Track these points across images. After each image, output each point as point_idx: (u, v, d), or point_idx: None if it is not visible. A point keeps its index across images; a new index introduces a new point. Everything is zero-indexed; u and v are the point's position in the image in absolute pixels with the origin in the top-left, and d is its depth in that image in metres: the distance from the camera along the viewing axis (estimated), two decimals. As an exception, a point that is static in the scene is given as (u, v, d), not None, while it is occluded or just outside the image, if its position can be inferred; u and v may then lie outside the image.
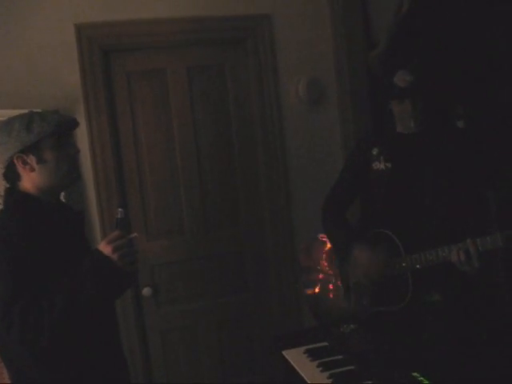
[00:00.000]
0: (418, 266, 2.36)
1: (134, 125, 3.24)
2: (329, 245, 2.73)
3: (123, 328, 3.14)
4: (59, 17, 2.99)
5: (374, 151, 2.56)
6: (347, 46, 3.37)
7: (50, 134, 1.92)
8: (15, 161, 1.92)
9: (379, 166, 2.55)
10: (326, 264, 2.73)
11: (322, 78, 3.40)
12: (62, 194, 2.86)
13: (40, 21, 2.96)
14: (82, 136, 3.04)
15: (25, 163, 1.93)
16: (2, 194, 2.07)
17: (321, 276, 2.74)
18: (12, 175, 1.97)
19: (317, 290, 2.75)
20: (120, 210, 1.93)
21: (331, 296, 2.69)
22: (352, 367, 1.98)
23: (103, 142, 3.09)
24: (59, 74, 3.00)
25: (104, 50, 3.09)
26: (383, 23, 3.50)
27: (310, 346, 2.21)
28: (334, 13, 3.39)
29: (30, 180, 1.95)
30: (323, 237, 2.77)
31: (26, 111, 2.05)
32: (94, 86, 3.06)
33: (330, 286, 2.70)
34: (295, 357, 2.15)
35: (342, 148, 3.43)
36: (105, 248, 1.86)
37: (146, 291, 3.26)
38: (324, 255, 2.75)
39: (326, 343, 2.23)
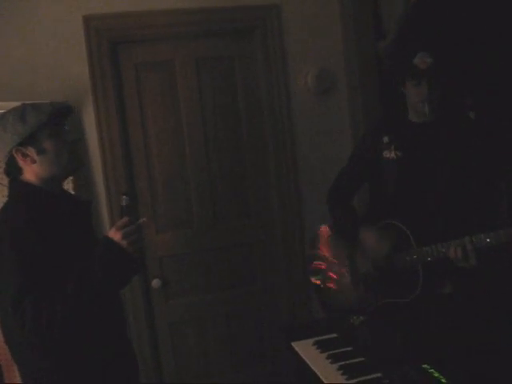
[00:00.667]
0: (429, 259, 2.34)
1: (143, 117, 3.23)
2: (336, 235, 2.72)
3: (132, 320, 3.17)
4: (67, 8, 2.99)
5: (385, 139, 2.54)
6: (357, 36, 3.34)
7: (46, 123, 1.91)
8: (15, 154, 1.92)
9: (390, 154, 2.53)
10: (333, 254, 2.72)
11: (331, 68, 3.37)
12: (71, 184, 2.89)
13: (48, 13, 2.96)
14: (90, 128, 3.05)
15: (25, 156, 1.92)
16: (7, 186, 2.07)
17: (329, 266, 2.73)
18: (13, 169, 1.97)
19: (325, 281, 2.73)
20: (124, 197, 1.94)
21: (339, 286, 2.67)
22: (362, 359, 1.97)
23: (112, 134, 3.09)
24: (67, 66, 3.00)
25: (112, 42, 3.09)
26: (393, 13, 3.47)
27: (320, 338, 2.20)
28: (344, 3, 3.37)
29: (32, 172, 1.95)
30: (330, 227, 2.76)
31: (35, 102, 2.05)
32: (103, 78, 3.05)
33: (338, 277, 2.69)
34: (304, 348, 2.14)
35: (351, 139, 3.41)
36: (115, 235, 1.87)
37: (155, 283, 3.27)
38: (332, 245, 2.74)
39: (335, 335, 2.22)
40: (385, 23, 3.45)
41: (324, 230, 2.78)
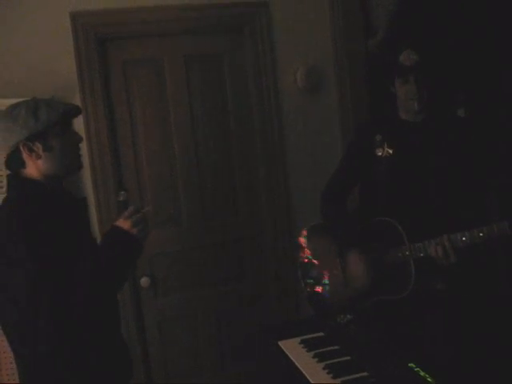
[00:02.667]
0: (421, 255, 2.35)
1: (131, 114, 3.21)
2: (325, 234, 2.71)
3: (121, 318, 3.14)
4: (54, 5, 2.95)
5: (378, 138, 2.54)
6: (346, 33, 3.35)
7: (57, 122, 1.94)
8: (21, 148, 1.92)
9: (382, 152, 2.53)
10: (324, 252, 2.72)
11: (320, 66, 3.37)
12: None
13: (35, 9, 2.93)
14: (78, 125, 3.00)
15: (31, 150, 1.92)
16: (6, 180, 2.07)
17: (319, 263, 2.72)
18: (16, 162, 1.96)
19: (315, 278, 2.73)
20: (123, 192, 2.06)
21: (330, 284, 2.67)
22: (348, 358, 1.97)
23: (99, 132, 3.07)
24: (55, 63, 2.97)
25: (100, 39, 3.06)
26: (382, 11, 3.47)
27: (306, 337, 2.19)
28: (333, 0, 3.36)
29: (36, 167, 1.95)
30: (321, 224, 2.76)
31: (20, 100, 2.03)
32: (90, 75, 3.03)
33: (329, 275, 2.69)
34: (291, 347, 2.13)
35: (340, 136, 3.41)
36: (124, 224, 1.94)
37: (144, 281, 3.25)
38: (322, 243, 2.73)
39: (322, 334, 2.22)
40: (374, 21, 3.45)
41: (314, 227, 2.76)
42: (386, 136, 2.54)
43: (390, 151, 2.52)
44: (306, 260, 2.77)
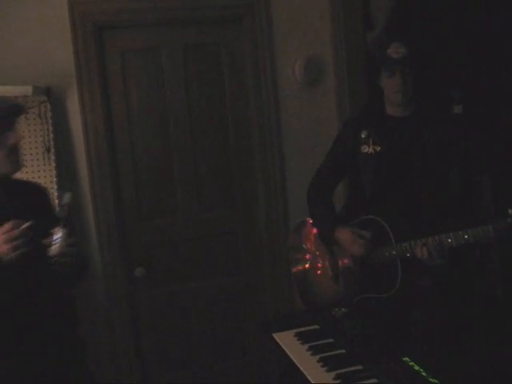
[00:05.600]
0: (407, 255, 2.34)
1: (128, 103, 3.19)
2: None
3: (115, 308, 3.15)
4: (52, -8, 2.93)
5: (363, 134, 2.53)
6: (345, 26, 3.33)
7: None
8: None
9: (368, 149, 2.52)
10: (314, 247, 2.72)
11: (319, 58, 3.35)
12: (54, 171, 2.86)
13: (33, -3, 2.91)
14: (74, 114, 3.01)
15: None
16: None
17: (308, 257, 2.73)
18: None
19: (304, 272, 2.73)
20: (68, 195, 1.91)
21: (320, 280, 2.67)
22: (342, 351, 1.97)
23: (96, 121, 3.05)
24: (52, 51, 2.95)
25: (98, 27, 3.04)
26: (382, 5, 3.46)
27: (301, 329, 2.19)
28: (333, -8, 3.34)
29: None
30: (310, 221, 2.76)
31: (18, 88, 2.00)
32: (88, 64, 3.01)
33: (319, 270, 2.69)
34: (286, 340, 2.13)
35: (338, 129, 3.38)
36: None
37: (139, 271, 3.25)
38: (313, 238, 2.74)
39: (316, 327, 2.21)
40: (374, 14, 3.43)
41: (304, 222, 2.77)
42: (371, 133, 2.52)
43: (376, 148, 2.50)
44: (297, 256, 2.78)
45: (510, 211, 2.07)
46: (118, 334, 3.19)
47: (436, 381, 1.63)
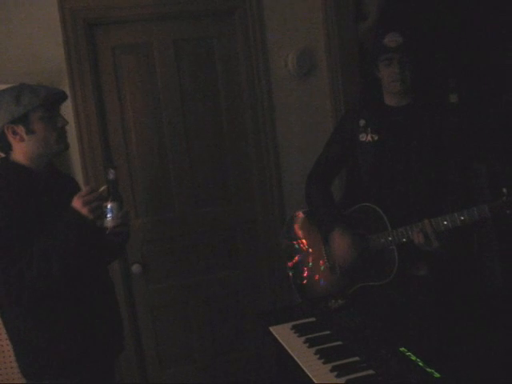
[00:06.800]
0: (404, 240, 2.36)
1: (120, 100, 3.18)
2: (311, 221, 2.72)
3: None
4: (41, -11, 2.91)
5: (361, 123, 2.55)
6: (337, 17, 3.31)
7: (39, 106, 2.03)
8: (6, 131, 2.04)
9: (366, 137, 2.54)
10: (309, 239, 2.72)
11: (311, 50, 3.34)
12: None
13: (22, -7, 2.89)
14: (66, 112, 2.97)
15: (15, 133, 2.05)
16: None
17: (304, 249, 2.73)
18: (4, 145, 2.09)
19: (301, 266, 2.73)
20: (112, 171, 2.06)
21: (316, 271, 2.68)
22: (339, 343, 1.97)
23: (89, 118, 3.04)
24: (42, 48, 2.94)
25: (88, 23, 3.02)
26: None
27: (297, 322, 2.19)
28: (324, -17, 3.33)
29: (20, 149, 2.08)
30: (305, 212, 2.77)
31: (8, 86, 2.11)
32: (79, 60, 3.00)
33: (315, 261, 2.69)
34: (282, 332, 2.13)
35: (332, 121, 3.39)
36: (76, 203, 1.98)
37: (136, 268, 3.24)
38: (308, 230, 2.74)
39: (313, 319, 2.21)
40: (366, 5, 3.42)
41: (299, 215, 2.78)
42: (369, 121, 2.55)
43: (374, 137, 2.52)
44: (292, 247, 2.78)
45: (504, 190, 2.09)
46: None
47: (433, 371, 1.63)
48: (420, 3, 3.48)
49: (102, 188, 2.04)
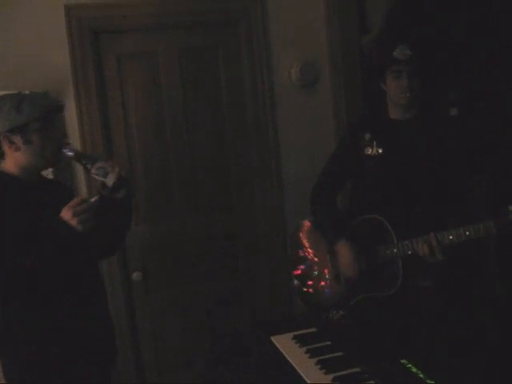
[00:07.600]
0: (409, 253, 2.36)
1: (125, 107, 3.20)
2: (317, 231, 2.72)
3: (113, 313, 3.13)
4: (48, -3, 2.93)
5: (366, 136, 2.56)
6: (341, 29, 3.33)
7: (38, 117, 1.98)
8: (1, 139, 1.99)
9: (371, 151, 2.54)
10: (315, 249, 2.73)
11: (315, 61, 3.35)
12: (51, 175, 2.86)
13: (29, 1, 2.91)
14: (71, 119, 3.01)
15: (11, 142, 1.98)
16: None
17: (310, 258, 2.73)
18: None
19: (307, 275, 2.73)
20: (67, 148, 2.08)
21: (321, 281, 2.68)
22: (340, 353, 1.97)
23: (93, 125, 3.05)
24: (48, 56, 2.95)
25: (94, 32, 3.04)
26: (378, 8, 3.47)
27: (299, 332, 2.19)
28: (329, -5, 3.35)
29: (14, 159, 2.02)
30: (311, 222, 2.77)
31: (11, 92, 2.07)
32: (84, 68, 3.01)
33: (320, 271, 2.69)
34: (283, 343, 2.14)
35: (335, 132, 3.40)
36: (66, 213, 1.91)
37: (136, 276, 3.24)
38: (313, 240, 2.74)
39: (314, 329, 2.22)
40: (369, 17, 3.44)
41: (305, 223, 2.78)
42: (374, 135, 2.55)
43: (379, 150, 2.53)
44: (297, 256, 2.78)
45: (510, 207, 2.10)
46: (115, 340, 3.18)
47: (433, 383, 1.63)
48: (423, 17, 3.50)
49: (94, 199, 1.97)
